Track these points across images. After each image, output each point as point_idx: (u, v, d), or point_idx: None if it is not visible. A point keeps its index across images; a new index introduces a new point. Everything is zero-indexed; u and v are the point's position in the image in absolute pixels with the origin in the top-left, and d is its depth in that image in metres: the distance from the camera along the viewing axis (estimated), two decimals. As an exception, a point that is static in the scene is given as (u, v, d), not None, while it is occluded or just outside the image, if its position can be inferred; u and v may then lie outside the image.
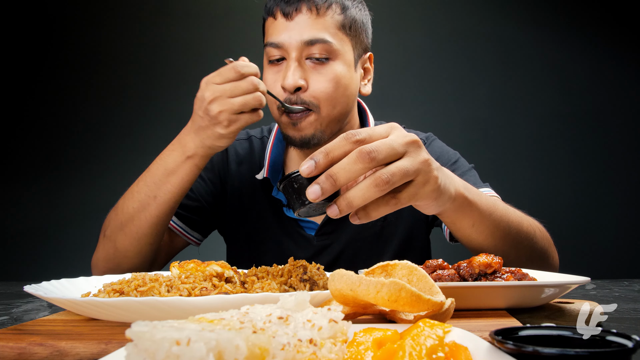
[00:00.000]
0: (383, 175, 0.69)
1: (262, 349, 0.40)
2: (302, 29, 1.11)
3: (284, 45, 1.13)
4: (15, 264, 3.27)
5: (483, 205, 0.92)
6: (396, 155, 0.71)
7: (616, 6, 3.37)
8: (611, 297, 1.01)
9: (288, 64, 1.13)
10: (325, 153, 0.69)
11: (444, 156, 1.30)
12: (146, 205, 1.07)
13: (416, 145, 0.73)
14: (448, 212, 0.87)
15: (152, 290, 0.68)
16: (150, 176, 1.08)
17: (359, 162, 0.68)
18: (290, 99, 1.13)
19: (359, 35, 1.19)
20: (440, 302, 0.56)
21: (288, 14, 1.12)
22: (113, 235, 1.11)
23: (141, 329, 0.37)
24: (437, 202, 0.79)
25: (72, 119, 3.41)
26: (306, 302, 0.49)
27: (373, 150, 0.68)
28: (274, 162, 1.31)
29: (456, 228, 0.94)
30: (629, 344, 0.41)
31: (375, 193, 0.69)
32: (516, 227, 0.98)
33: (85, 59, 3.44)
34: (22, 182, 3.38)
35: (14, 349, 0.57)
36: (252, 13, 3.34)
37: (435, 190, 0.76)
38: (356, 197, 0.69)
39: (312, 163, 0.69)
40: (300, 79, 1.12)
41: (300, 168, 0.69)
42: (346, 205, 0.69)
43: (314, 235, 1.28)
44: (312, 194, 0.68)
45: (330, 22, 1.13)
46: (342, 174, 0.68)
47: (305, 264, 0.78)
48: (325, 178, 0.68)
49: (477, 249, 0.98)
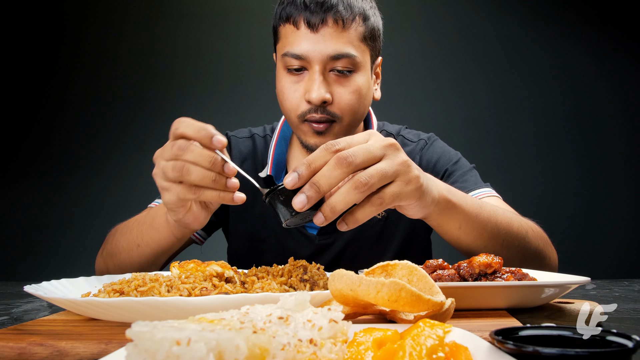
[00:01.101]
0: (362, 177, 0.71)
1: (262, 349, 0.40)
2: (327, 42, 1.09)
3: (308, 58, 1.10)
4: (15, 264, 3.27)
5: (469, 207, 0.92)
6: (374, 159, 0.73)
7: (616, 6, 3.37)
8: (611, 297, 1.01)
9: (312, 76, 1.11)
10: (307, 164, 0.71)
11: (445, 156, 1.30)
12: (130, 250, 1.07)
13: (394, 148, 0.75)
14: (433, 215, 0.88)
15: (152, 290, 0.68)
16: (140, 222, 1.08)
17: (337, 168, 0.70)
18: (315, 110, 1.12)
19: (375, 43, 1.19)
20: (440, 302, 0.56)
21: (313, 25, 1.08)
22: (108, 257, 1.13)
23: (141, 329, 0.37)
24: (421, 203, 0.80)
25: (72, 119, 3.41)
26: (306, 302, 0.49)
27: (350, 155, 0.71)
28: (278, 160, 1.31)
29: (443, 231, 0.95)
30: (629, 344, 0.41)
31: (356, 196, 0.71)
32: (505, 227, 0.99)
33: (85, 59, 3.44)
34: (22, 182, 3.38)
35: (14, 349, 0.57)
36: (252, 13, 3.35)
37: (417, 189, 0.77)
38: (338, 201, 0.71)
39: (296, 175, 0.71)
40: (326, 93, 1.10)
41: (285, 180, 0.71)
42: (330, 210, 0.72)
43: (315, 234, 1.28)
44: (298, 203, 0.70)
45: (353, 34, 1.11)
46: (324, 181, 0.70)
47: (305, 264, 0.78)
48: (309, 186, 0.70)
49: (467, 250, 0.99)
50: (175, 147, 0.79)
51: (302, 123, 1.15)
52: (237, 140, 1.37)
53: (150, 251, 1.05)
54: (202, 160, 0.78)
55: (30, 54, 3.44)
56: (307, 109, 1.13)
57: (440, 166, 1.29)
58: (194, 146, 0.78)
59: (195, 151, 0.78)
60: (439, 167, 1.29)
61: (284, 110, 1.18)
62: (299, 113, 1.14)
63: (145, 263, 1.08)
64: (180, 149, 0.78)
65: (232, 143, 1.37)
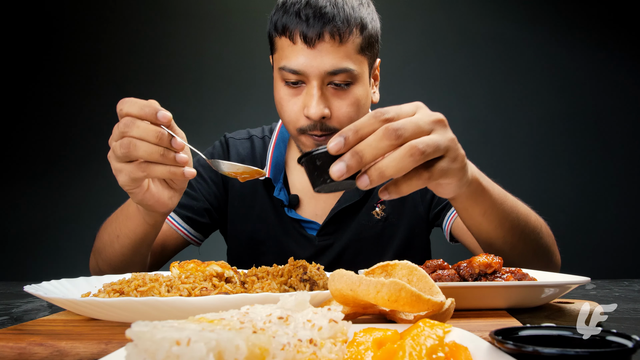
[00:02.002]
0: (419, 145, 0.68)
1: (262, 349, 0.40)
2: (324, 58, 1.07)
3: (305, 73, 1.09)
4: (15, 264, 3.27)
5: (495, 194, 0.91)
6: (422, 134, 0.70)
7: (616, 6, 3.37)
8: (611, 297, 1.01)
9: (310, 91, 1.10)
10: (354, 130, 0.68)
11: None
12: (112, 242, 1.07)
13: (442, 124, 0.73)
14: (462, 197, 0.86)
15: (152, 290, 0.68)
16: (117, 214, 1.08)
17: (385, 139, 0.67)
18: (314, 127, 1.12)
19: (373, 49, 1.17)
20: (440, 302, 0.56)
21: (310, 40, 1.06)
22: (96, 253, 1.13)
23: (141, 329, 0.37)
24: (459, 182, 0.79)
25: (72, 119, 3.41)
26: (306, 302, 0.49)
27: (400, 127, 0.68)
28: (276, 162, 1.31)
29: (468, 215, 0.93)
30: (629, 344, 0.41)
31: (409, 164, 0.68)
32: (524, 219, 0.98)
33: (85, 58, 3.44)
34: (22, 182, 3.38)
35: (14, 349, 0.57)
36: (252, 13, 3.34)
37: (462, 168, 0.76)
38: (389, 167, 0.68)
39: (341, 140, 0.67)
40: (325, 109, 1.10)
41: (329, 145, 0.68)
42: (378, 175, 0.68)
43: (315, 235, 1.28)
44: (336, 172, 0.67)
45: (351, 47, 1.09)
46: (368, 151, 0.67)
47: (305, 264, 0.78)
48: (350, 155, 0.67)
49: (486, 239, 0.97)
50: (121, 125, 0.80)
51: (302, 135, 1.15)
52: (235, 142, 1.37)
53: (128, 241, 1.04)
54: (149, 136, 0.79)
55: (30, 54, 3.44)
56: (307, 125, 1.12)
57: (441, 166, 1.29)
58: (140, 122, 0.80)
59: (141, 127, 0.79)
60: (439, 168, 1.29)
61: (283, 120, 1.18)
62: (297, 127, 1.13)
63: (127, 254, 1.06)
64: (126, 126, 0.80)
65: (230, 145, 1.36)
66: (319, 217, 1.29)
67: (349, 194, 1.28)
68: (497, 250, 0.98)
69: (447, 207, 1.26)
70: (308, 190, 1.31)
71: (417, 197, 1.30)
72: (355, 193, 1.28)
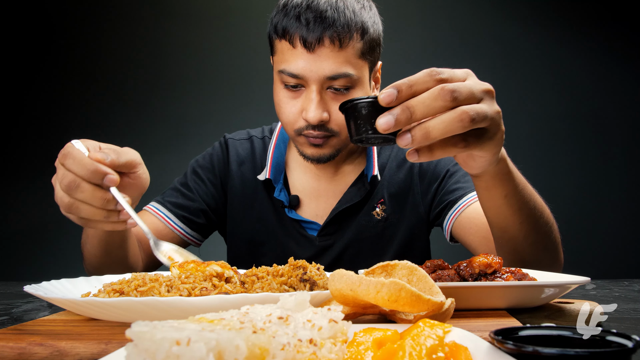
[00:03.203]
0: (470, 111, 0.66)
1: (262, 349, 0.40)
2: (324, 63, 1.07)
3: (305, 77, 1.09)
4: (15, 264, 3.27)
5: (518, 178, 0.90)
6: (474, 100, 0.69)
7: (617, 6, 3.37)
8: (611, 297, 1.01)
9: (309, 95, 1.10)
10: (408, 85, 0.66)
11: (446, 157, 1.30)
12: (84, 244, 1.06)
13: (492, 94, 0.72)
14: (488, 175, 0.84)
15: (152, 290, 0.68)
16: None
17: (439, 100, 0.66)
18: (312, 128, 1.12)
19: (374, 53, 1.16)
20: (440, 302, 0.56)
21: (310, 45, 1.06)
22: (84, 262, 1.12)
23: (141, 329, 0.37)
24: (493, 158, 0.78)
25: (72, 119, 3.41)
26: (306, 302, 0.49)
27: (456, 89, 0.66)
28: (277, 163, 1.31)
29: (490, 196, 0.90)
30: (629, 344, 0.41)
31: (457, 129, 0.66)
32: (540, 210, 0.96)
33: (85, 59, 3.44)
34: (22, 182, 3.38)
35: (14, 349, 0.57)
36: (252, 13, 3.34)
37: (499, 143, 0.75)
38: (436, 128, 0.66)
39: (394, 92, 0.66)
40: (323, 113, 1.10)
41: (380, 95, 0.66)
42: (422, 134, 0.66)
43: (316, 236, 1.28)
44: (383, 124, 0.65)
45: (351, 52, 1.08)
46: (420, 108, 0.66)
47: (305, 264, 0.78)
48: (401, 110, 0.65)
49: (502, 225, 0.94)
50: (64, 183, 0.77)
51: (299, 136, 1.15)
52: (235, 142, 1.37)
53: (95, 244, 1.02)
54: (94, 201, 0.77)
55: (29, 54, 3.44)
56: (305, 126, 1.12)
57: (442, 167, 1.29)
58: (85, 185, 0.77)
59: (86, 191, 0.77)
60: (440, 168, 1.29)
61: (281, 121, 1.18)
62: (295, 128, 1.14)
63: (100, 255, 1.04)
64: (69, 187, 0.77)
65: (229, 146, 1.36)
66: (319, 217, 1.29)
67: (349, 195, 1.28)
68: (510, 237, 0.95)
69: (449, 207, 1.26)
70: (308, 191, 1.31)
71: (418, 197, 1.30)
72: (356, 194, 1.27)
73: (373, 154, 1.31)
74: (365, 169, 1.30)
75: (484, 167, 0.80)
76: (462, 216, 1.19)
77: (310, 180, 1.31)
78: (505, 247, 0.97)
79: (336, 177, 1.31)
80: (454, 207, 1.21)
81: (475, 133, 0.71)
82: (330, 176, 1.31)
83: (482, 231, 1.14)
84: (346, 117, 0.70)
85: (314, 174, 1.31)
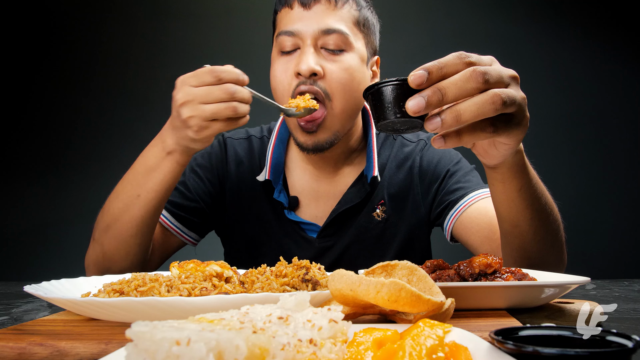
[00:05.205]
0: (502, 94, 0.66)
1: (262, 349, 0.40)
2: (319, 18, 1.11)
3: (300, 34, 1.12)
4: (15, 264, 3.27)
5: (532, 172, 0.90)
6: (503, 85, 0.68)
7: (617, 6, 3.37)
8: (611, 297, 1.01)
9: (303, 50, 1.12)
10: (439, 67, 0.66)
11: (446, 157, 1.30)
12: (130, 205, 1.04)
13: (517, 80, 0.72)
14: (505, 166, 0.84)
15: (152, 290, 0.68)
16: (133, 174, 1.06)
17: (471, 81, 0.65)
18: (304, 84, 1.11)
19: (370, 35, 1.20)
20: (440, 302, 0.56)
21: (306, 3, 1.12)
22: (100, 238, 1.09)
23: (141, 329, 0.37)
24: (515, 146, 0.78)
25: (72, 119, 3.41)
26: (306, 302, 0.49)
27: (487, 72, 0.66)
28: (276, 164, 1.29)
29: (504, 188, 0.90)
30: (629, 344, 0.41)
31: (489, 111, 0.66)
32: (550, 207, 0.96)
33: (85, 59, 3.44)
34: (22, 182, 3.38)
35: (14, 349, 0.57)
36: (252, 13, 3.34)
37: (524, 130, 0.75)
38: (468, 110, 0.66)
39: (424, 74, 0.65)
40: (316, 65, 1.10)
41: (410, 77, 0.65)
42: (453, 117, 0.66)
43: (315, 237, 1.27)
44: (414, 106, 0.64)
45: (346, 15, 1.14)
46: (452, 90, 0.65)
47: (308, 265, 0.78)
48: (432, 92, 0.65)
49: (513, 219, 0.93)
50: (228, 91, 0.93)
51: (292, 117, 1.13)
52: (233, 141, 1.36)
53: (153, 195, 1.03)
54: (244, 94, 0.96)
55: (30, 54, 3.44)
56: (297, 83, 1.12)
57: (442, 167, 1.29)
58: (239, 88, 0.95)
59: (243, 90, 0.95)
60: (440, 168, 1.29)
61: (276, 96, 1.17)
62: (290, 90, 1.13)
63: (148, 215, 1.05)
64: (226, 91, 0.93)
65: (228, 145, 1.35)
66: (319, 219, 1.29)
67: (348, 196, 1.27)
68: (520, 233, 0.94)
69: (450, 207, 1.26)
70: (307, 192, 1.30)
71: (419, 198, 1.29)
72: (356, 195, 1.27)
73: (373, 154, 1.29)
74: (365, 169, 1.29)
75: (505, 156, 0.80)
76: (463, 216, 1.19)
77: (310, 181, 1.30)
78: (513, 243, 0.96)
79: (335, 178, 1.30)
80: (455, 207, 1.21)
81: (503, 118, 0.70)
82: (329, 177, 1.30)
83: (484, 231, 1.14)
84: (372, 100, 0.68)
85: (313, 174, 1.30)
